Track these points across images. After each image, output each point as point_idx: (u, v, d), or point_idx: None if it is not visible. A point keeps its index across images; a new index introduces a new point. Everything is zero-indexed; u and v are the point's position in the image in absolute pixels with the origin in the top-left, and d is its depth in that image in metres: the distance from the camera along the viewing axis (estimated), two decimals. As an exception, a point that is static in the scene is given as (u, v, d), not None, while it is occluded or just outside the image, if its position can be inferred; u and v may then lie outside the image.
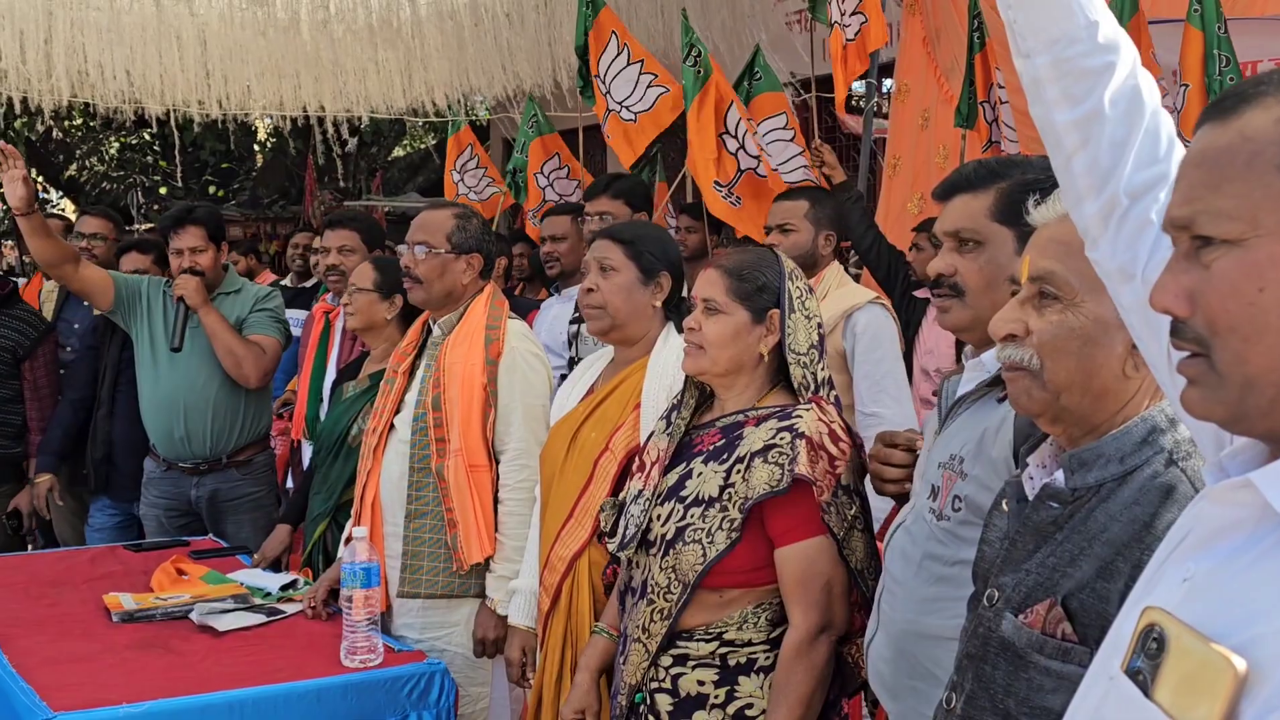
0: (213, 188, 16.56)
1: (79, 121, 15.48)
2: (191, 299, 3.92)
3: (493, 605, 2.87)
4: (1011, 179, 1.83)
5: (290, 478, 4.72)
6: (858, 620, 2.16)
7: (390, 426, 3.04)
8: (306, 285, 6.43)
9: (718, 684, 2.12)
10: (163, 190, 16.49)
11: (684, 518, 2.14)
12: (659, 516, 2.18)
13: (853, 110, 6.45)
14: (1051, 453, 1.47)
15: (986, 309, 1.49)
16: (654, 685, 2.17)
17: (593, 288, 2.66)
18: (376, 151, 16.27)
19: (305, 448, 4.14)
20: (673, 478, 2.21)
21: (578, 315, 3.86)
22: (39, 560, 3.68)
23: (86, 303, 4.41)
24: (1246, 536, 0.91)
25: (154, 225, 10.94)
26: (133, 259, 4.49)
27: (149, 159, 17.00)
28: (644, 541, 2.21)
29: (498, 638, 2.87)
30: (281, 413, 5.05)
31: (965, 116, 4.74)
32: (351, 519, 3.13)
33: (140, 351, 4.07)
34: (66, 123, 15.21)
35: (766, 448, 2.09)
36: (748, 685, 2.12)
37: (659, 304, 2.69)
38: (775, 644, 2.11)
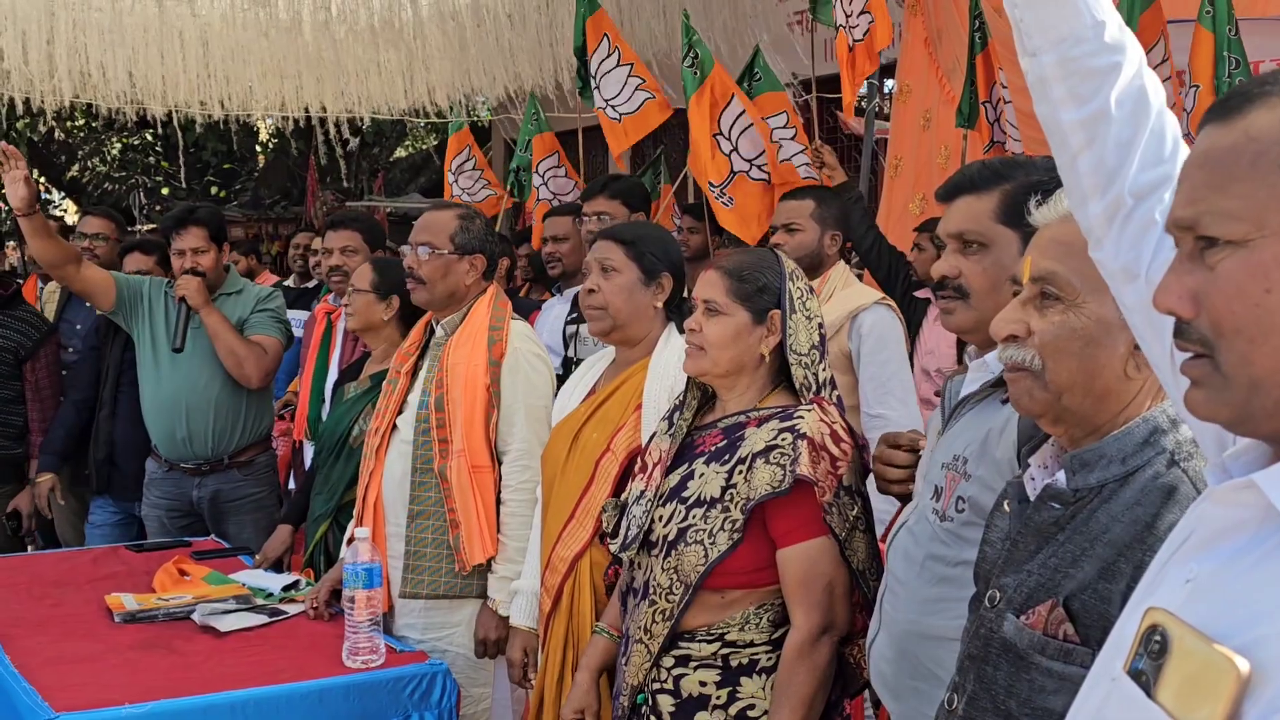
0: (215, 188, 16.57)
1: (81, 122, 15.50)
2: (193, 299, 3.91)
3: (495, 606, 2.87)
4: (1015, 180, 1.82)
5: (292, 479, 4.72)
6: (860, 621, 2.16)
7: (393, 427, 3.04)
8: (308, 286, 6.43)
9: (720, 685, 2.12)
10: (165, 191, 16.50)
11: (686, 519, 2.14)
12: (661, 517, 2.18)
13: (857, 111, 6.45)
14: (1053, 453, 1.47)
15: (991, 311, 1.49)
16: (656, 686, 2.17)
17: (594, 288, 2.66)
18: (378, 152, 16.27)
19: (307, 448, 4.14)
20: (675, 478, 2.21)
21: (574, 316, 3.86)
22: (41, 560, 3.68)
23: (88, 304, 4.41)
24: (1249, 537, 0.91)
25: (156, 226, 10.94)
26: (136, 259, 4.49)
27: (151, 160, 17.02)
28: (646, 542, 2.21)
29: (500, 638, 2.87)
30: (283, 414, 5.05)
31: (967, 117, 4.74)
32: (353, 519, 3.13)
33: (142, 352, 4.07)
34: (69, 123, 15.23)
35: (768, 448, 2.09)
36: (750, 686, 2.11)
37: (660, 305, 2.69)
38: (777, 645, 2.11)
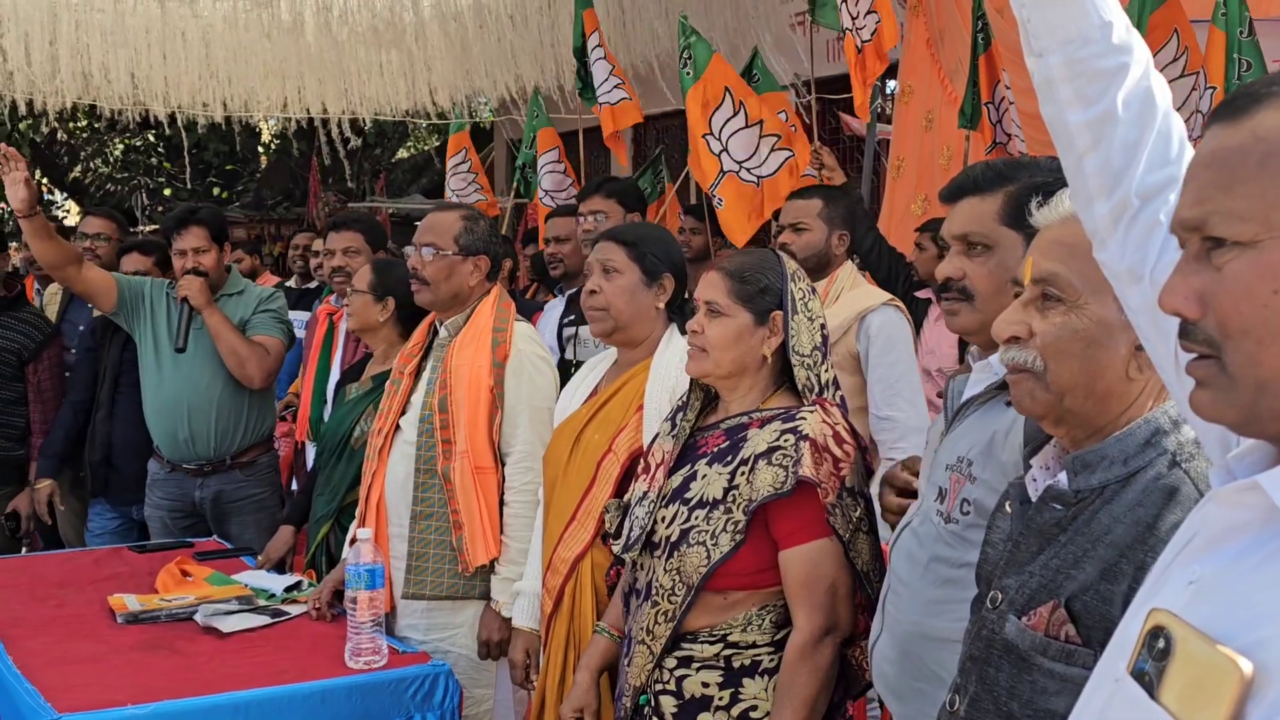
0: (217, 189, 16.58)
1: (84, 123, 15.52)
2: (195, 299, 3.91)
3: (498, 607, 2.87)
4: (1019, 182, 1.82)
5: (294, 479, 4.72)
6: (862, 622, 2.16)
7: (396, 428, 3.04)
8: (309, 287, 6.43)
9: (722, 686, 2.12)
10: (167, 192, 16.52)
11: (688, 520, 2.13)
12: (663, 518, 2.18)
13: (874, 116, 6.47)
14: (1055, 454, 1.47)
15: (995, 313, 1.49)
16: (658, 687, 2.17)
17: (596, 289, 2.66)
18: (380, 153, 16.28)
19: (309, 449, 4.14)
20: (677, 479, 2.21)
21: (572, 318, 3.85)
22: (44, 561, 3.68)
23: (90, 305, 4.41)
24: (1253, 538, 0.91)
25: (158, 227, 10.95)
26: (134, 260, 4.47)
27: (153, 161, 17.04)
28: (648, 543, 2.21)
29: (502, 639, 2.87)
30: (284, 415, 5.05)
31: (969, 118, 4.73)
32: (356, 520, 3.13)
33: (143, 353, 4.06)
34: (71, 124, 15.24)
35: (770, 450, 2.09)
36: (752, 687, 2.11)
37: (662, 306, 2.69)
38: (779, 646, 2.11)
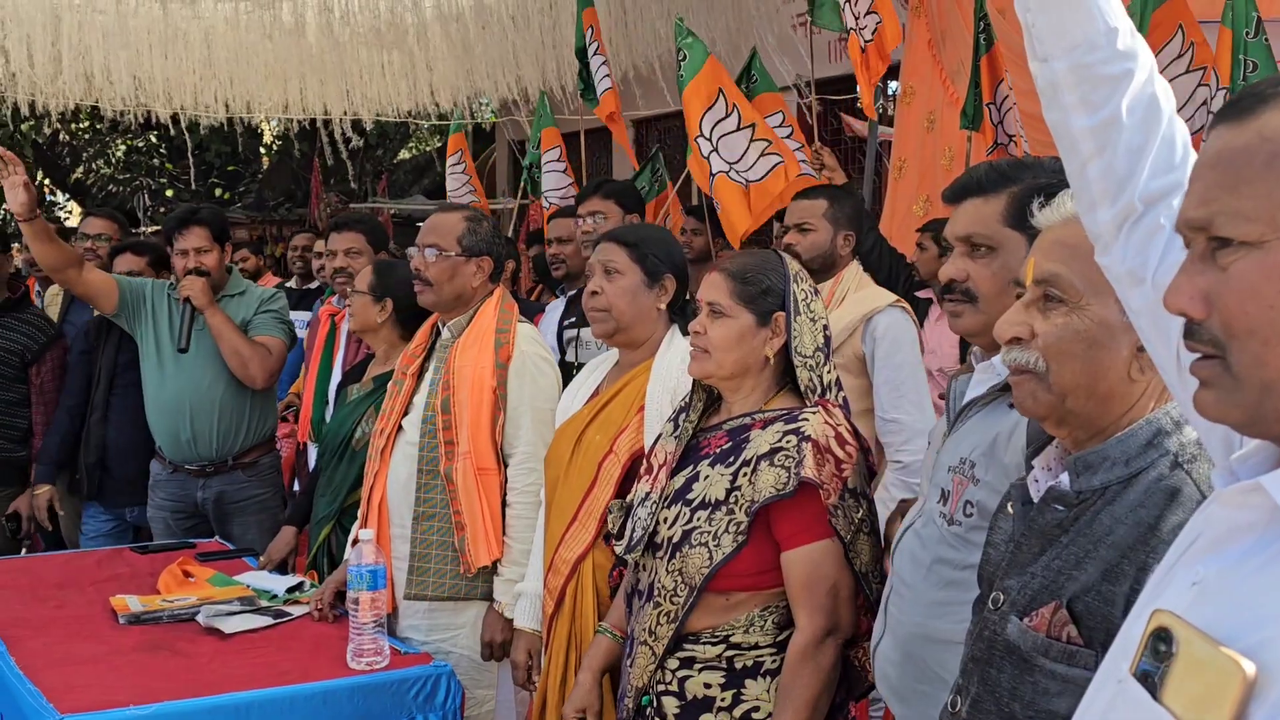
0: (219, 190, 16.59)
1: (86, 124, 15.53)
2: (198, 300, 3.91)
3: (500, 608, 2.87)
4: (1023, 183, 1.81)
5: (296, 480, 4.72)
6: (864, 623, 2.15)
7: (398, 428, 3.04)
8: (310, 287, 6.43)
9: (724, 687, 2.12)
10: (169, 193, 16.53)
11: (690, 521, 2.13)
12: (666, 519, 2.18)
13: (881, 119, 6.48)
14: (1057, 455, 1.47)
15: (999, 314, 1.49)
16: (661, 688, 2.17)
17: (597, 290, 2.66)
18: (382, 154, 16.29)
19: (311, 450, 4.14)
20: (679, 480, 2.21)
21: (572, 320, 3.84)
22: (45, 562, 3.69)
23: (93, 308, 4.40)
24: (1256, 539, 0.90)
25: (160, 228, 10.96)
26: (127, 260, 4.43)
27: (155, 162, 17.05)
28: (651, 544, 2.21)
29: (505, 640, 2.87)
30: (285, 415, 5.05)
31: (971, 119, 4.73)
32: (358, 521, 3.13)
33: (145, 354, 4.06)
34: (74, 126, 15.26)
35: (773, 451, 2.09)
36: (754, 688, 2.11)
37: (663, 307, 2.69)
38: (782, 647, 2.11)
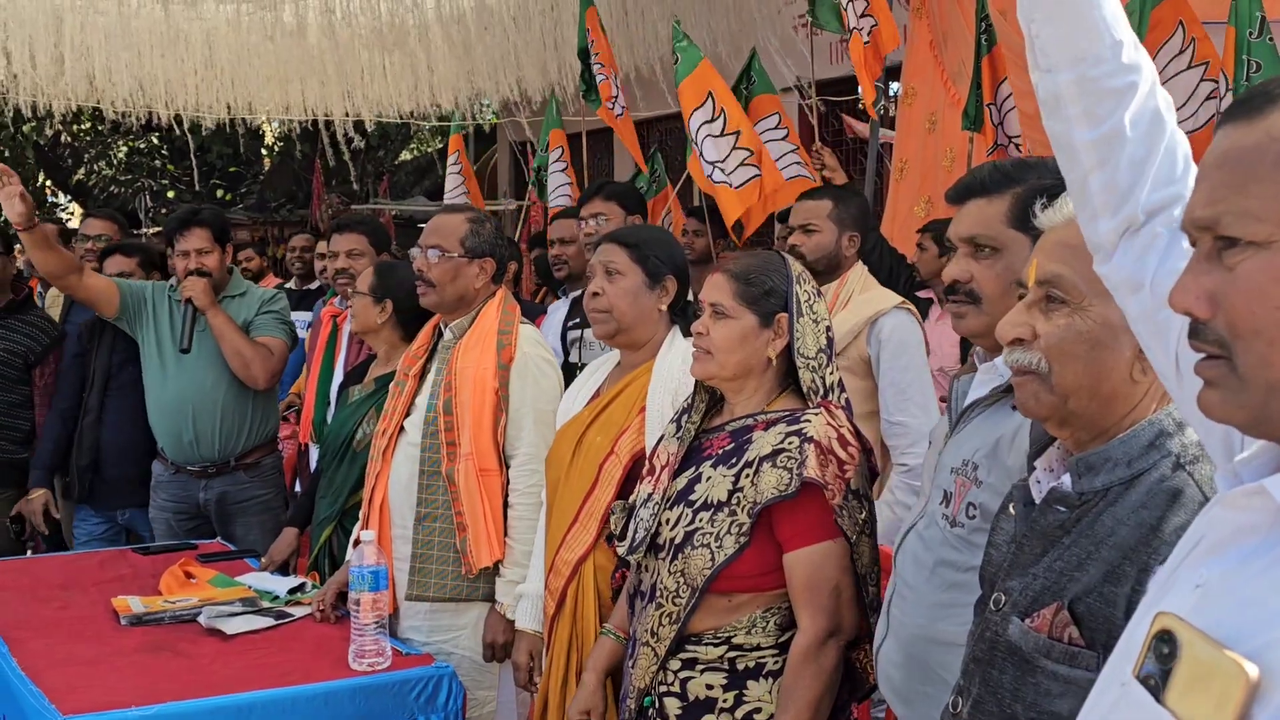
0: (221, 191, 16.60)
1: (87, 126, 15.54)
2: (200, 300, 3.91)
3: (502, 610, 2.87)
4: (1027, 183, 1.80)
5: (298, 481, 4.72)
6: (866, 625, 2.15)
7: (400, 429, 3.04)
8: (310, 288, 6.43)
9: (726, 688, 2.12)
10: (171, 194, 16.54)
11: (693, 522, 2.13)
12: (668, 520, 2.18)
13: (881, 120, 6.50)
14: (1059, 456, 1.47)
15: (1003, 315, 1.49)
16: (662, 689, 2.16)
17: (598, 291, 2.66)
18: (384, 155, 16.29)
19: (313, 451, 4.14)
20: (682, 482, 2.21)
21: (576, 321, 3.84)
22: (47, 563, 3.69)
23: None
24: (1260, 542, 0.90)
25: (161, 229, 10.97)
26: (117, 261, 4.40)
27: (157, 163, 17.06)
28: (653, 545, 2.21)
29: (506, 641, 2.87)
30: (285, 415, 5.05)
31: (972, 119, 4.73)
32: (359, 522, 3.13)
33: (147, 355, 4.06)
34: (75, 127, 15.27)
35: (775, 452, 2.08)
36: (756, 689, 2.11)
37: (665, 308, 2.68)
38: (784, 648, 2.11)
